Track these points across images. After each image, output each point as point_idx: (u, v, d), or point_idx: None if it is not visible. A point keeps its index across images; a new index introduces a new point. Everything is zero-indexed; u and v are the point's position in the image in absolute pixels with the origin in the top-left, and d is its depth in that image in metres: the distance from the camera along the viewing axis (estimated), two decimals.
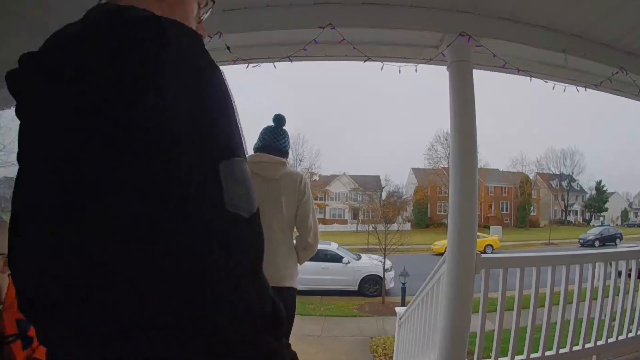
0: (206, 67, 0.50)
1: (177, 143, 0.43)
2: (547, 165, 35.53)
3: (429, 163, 33.28)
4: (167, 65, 0.45)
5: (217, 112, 0.47)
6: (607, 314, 2.45)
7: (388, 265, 11.27)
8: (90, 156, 0.44)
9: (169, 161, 0.42)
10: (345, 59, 2.56)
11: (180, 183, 0.42)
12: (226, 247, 0.43)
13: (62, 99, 0.46)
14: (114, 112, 0.43)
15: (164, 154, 0.42)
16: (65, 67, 0.47)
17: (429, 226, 30.75)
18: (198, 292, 0.42)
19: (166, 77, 0.44)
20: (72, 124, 0.46)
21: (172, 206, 0.42)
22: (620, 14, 2.21)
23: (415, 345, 3.03)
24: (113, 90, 0.43)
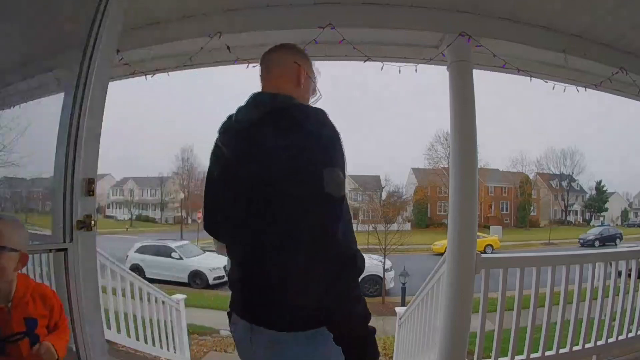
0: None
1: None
2: (547, 165, 35.50)
3: (429, 163, 33.26)
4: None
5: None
6: (607, 314, 2.45)
7: (388, 265, 11.28)
8: (295, 202, 0.93)
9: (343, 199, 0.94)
10: (345, 59, 2.56)
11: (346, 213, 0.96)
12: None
13: (262, 155, 0.95)
14: (320, 184, 0.90)
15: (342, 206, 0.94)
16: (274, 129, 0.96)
17: (429, 226, 30.73)
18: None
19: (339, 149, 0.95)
20: (272, 185, 0.94)
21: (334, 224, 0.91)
22: (620, 14, 2.21)
23: (415, 345, 3.03)
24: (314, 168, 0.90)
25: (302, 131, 0.93)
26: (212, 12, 2.25)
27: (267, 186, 0.93)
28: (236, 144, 1.03)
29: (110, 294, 2.74)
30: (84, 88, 1.52)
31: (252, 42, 2.44)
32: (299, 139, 0.92)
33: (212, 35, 2.18)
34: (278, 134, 0.94)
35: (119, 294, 2.85)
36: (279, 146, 0.92)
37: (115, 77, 2.66)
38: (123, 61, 2.36)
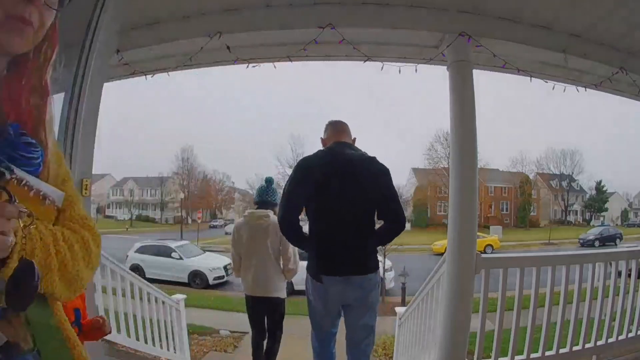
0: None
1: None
2: (547, 165, 35.52)
3: (429, 163, 33.28)
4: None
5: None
6: (607, 314, 2.45)
7: (388, 265, 11.27)
8: (375, 196, 1.89)
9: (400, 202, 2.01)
10: (345, 59, 2.56)
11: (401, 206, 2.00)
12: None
13: (357, 177, 1.86)
14: (386, 190, 1.92)
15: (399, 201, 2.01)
16: (361, 169, 1.89)
17: (429, 226, 30.73)
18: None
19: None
20: (363, 187, 1.85)
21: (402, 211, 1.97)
22: (620, 14, 2.21)
23: (415, 345, 3.03)
24: (391, 185, 1.96)
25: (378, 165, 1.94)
26: (212, 12, 2.26)
27: (370, 191, 1.87)
28: (341, 169, 1.87)
29: (110, 294, 2.74)
30: (80, 89, 1.52)
31: (252, 42, 2.45)
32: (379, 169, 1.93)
33: (212, 35, 2.18)
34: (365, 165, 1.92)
35: (119, 294, 2.85)
36: (369, 173, 1.89)
37: (115, 77, 2.66)
38: (123, 61, 2.36)
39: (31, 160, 0.62)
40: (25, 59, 0.65)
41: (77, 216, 0.72)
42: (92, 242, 0.71)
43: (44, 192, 0.64)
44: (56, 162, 0.70)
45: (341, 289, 1.86)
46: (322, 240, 1.89)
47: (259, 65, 2.55)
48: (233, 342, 6.55)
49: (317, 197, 1.87)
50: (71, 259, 0.64)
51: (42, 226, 0.61)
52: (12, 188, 0.57)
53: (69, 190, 0.72)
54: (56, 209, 0.68)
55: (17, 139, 0.61)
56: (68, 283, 0.64)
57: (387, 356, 5.99)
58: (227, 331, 7.05)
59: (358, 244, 1.86)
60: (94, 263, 0.71)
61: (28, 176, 0.61)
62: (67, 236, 0.66)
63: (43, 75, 0.66)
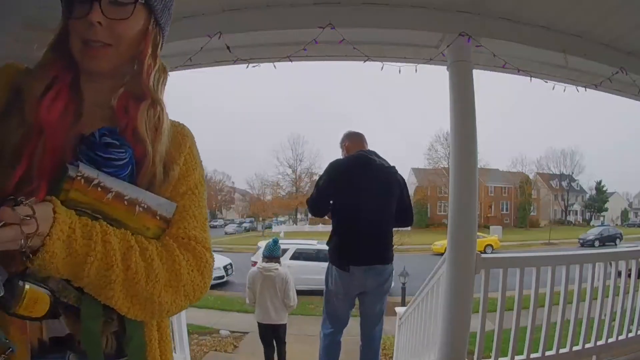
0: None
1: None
2: (547, 165, 35.58)
3: (429, 163, 33.34)
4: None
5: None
6: (607, 314, 2.45)
7: None
8: (393, 198, 2.32)
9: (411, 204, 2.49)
10: (345, 59, 2.56)
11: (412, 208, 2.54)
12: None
13: (381, 180, 2.28)
14: (404, 196, 2.39)
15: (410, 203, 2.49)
16: (386, 174, 2.33)
17: (429, 226, 30.75)
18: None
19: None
20: (387, 190, 2.30)
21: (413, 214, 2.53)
22: (620, 14, 2.21)
23: (415, 345, 3.03)
24: (407, 191, 2.45)
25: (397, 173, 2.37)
26: (212, 12, 2.25)
27: (392, 193, 2.28)
28: (370, 173, 2.23)
29: None
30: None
31: (252, 42, 2.44)
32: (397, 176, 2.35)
33: (212, 35, 2.18)
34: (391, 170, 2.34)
35: None
36: (394, 180, 2.31)
37: None
38: None
39: (110, 161, 0.59)
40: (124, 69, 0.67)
41: (183, 234, 0.66)
42: (188, 267, 0.64)
43: (130, 197, 0.60)
44: (169, 170, 0.67)
45: (363, 276, 2.19)
46: (350, 233, 2.19)
47: (259, 65, 2.55)
48: (233, 342, 6.55)
49: (347, 195, 2.19)
50: (145, 278, 0.59)
51: (113, 235, 0.57)
52: (79, 187, 0.57)
53: (186, 203, 0.69)
54: (161, 220, 0.64)
55: (99, 140, 0.60)
56: (139, 303, 0.59)
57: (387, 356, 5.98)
58: (227, 331, 7.05)
59: (380, 238, 2.23)
60: (186, 291, 0.64)
61: (108, 178, 0.59)
62: (151, 253, 0.61)
63: (141, 80, 0.67)
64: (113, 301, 0.57)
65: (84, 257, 0.54)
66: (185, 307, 0.66)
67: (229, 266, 12.60)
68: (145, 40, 0.67)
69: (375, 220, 2.18)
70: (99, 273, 0.56)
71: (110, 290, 0.57)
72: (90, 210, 0.58)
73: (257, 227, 34.18)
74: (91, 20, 0.59)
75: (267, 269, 3.50)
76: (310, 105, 56.07)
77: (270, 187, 36.08)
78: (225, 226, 33.79)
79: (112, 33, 0.62)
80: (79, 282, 0.56)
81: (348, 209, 2.20)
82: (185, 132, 0.75)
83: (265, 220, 34.44)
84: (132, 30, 0.64)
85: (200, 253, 0.67)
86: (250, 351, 6.29)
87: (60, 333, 0.59)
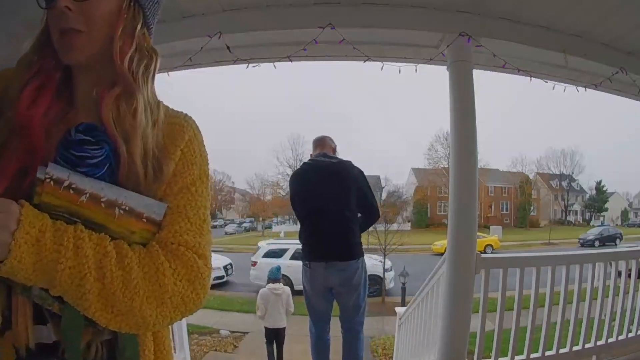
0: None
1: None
2: (547, 165, 35.54)
3: (429, 163, 33.31)
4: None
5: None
6: (607, 314, 2.45)
7: (388, 265, 11.28)
8: (349, 193, 2.34)
9: (374, 196, 2.50)
10: (345, 59, 2.56)
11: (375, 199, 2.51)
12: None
13: (332, 178, 2.34)
14: (363, 188, 2.40)
15: (374, 195, 2.50)
16: (336, 172, 2.37)
17: (429, 226, 30.74)
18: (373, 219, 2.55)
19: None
20: (340, 187, 2.33)
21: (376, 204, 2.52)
22: (620, 14, 2.21)
23: (415, 345, 3.03)
24: (365, 183, 2.43)
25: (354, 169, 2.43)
26: (212, 12, 2.25)
27: (346, 189, 2.31)
28: (318, 174, 2.37)
29: None
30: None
31: (252, 42, 2.44)
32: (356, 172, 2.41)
33: (212, 35, 2.18)
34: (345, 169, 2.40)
35: None
36: (345, 174, 2.35)
37: None
38: None
39: (83, 159, 0.55)
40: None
41: (173, 239, 0.59)
42: (174, 276, 0.57)
43: (107, 198, 0.55)
44: (162, 166, 0.61)
45: (325, 272, 2.29)
46: (310, 232, 2.36)
47: (259, 65, 2.55)
48: (233, 342, 6.55)
49: (302, 198, 2.40)
50: (122, 288, 0.53)
51: (87, 240, 0.53)
52: (49, 189, 0.53)
53: (180, 203, 0.62)
54: (149, 223, 0.58)
55: (74, 137, 0.56)
56: (121, 314, 0.54)
57: (387, 356, 5.99)
58: (227, 331, 7.06)
59: (339, 235, 2.28)
60: (174, 303, 0.57)
61: (82, 179, 0.54)
62: (130, 261, 0.54)
63: (114, 65, 0.60)
64: (90, 312, 0.53)
65: (55, 264, 0.50)
66: (176, 320, 0.60)
67: (229, 266, 12.60)
68: (118, 20, 0.60)
69: (333, 219, 2.27)
70: (73, 282, 0.51)
71: (85, 300, 0.52)
72: (68, 213, 0.54)
73: (257, 227, 34.17)
74: (59, 6, 0.56)
75: (275, 288, 4.70)
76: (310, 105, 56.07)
77: (270, 187, 36.05)
78: (225, 226, 33.78)
79: (83, 17, 0.58)
80: (53, 291, 0.52)
81: (306, 210, 2.37)
82: (185, 123, 0.67)
83: (265, 220, 34.41)
84: (103, 10, 0.59)
85: (190, 261, 0.59)
86: (250, 351, 6.29)
87: (47, 340, 0.57)
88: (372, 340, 6.96)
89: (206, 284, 0.61)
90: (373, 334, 7.34)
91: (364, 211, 2.39)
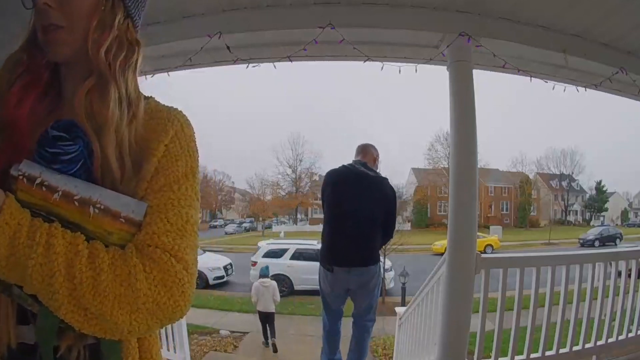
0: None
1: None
2: (547, 165, 35.51)
3: (429, 163, 33.30)
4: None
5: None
6: (607, 314, 2.45)
7: (388, 265, 11.27)
8: (379, 207, 2.45)
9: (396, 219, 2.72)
10: (345, 59, 2.56)
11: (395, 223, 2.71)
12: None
13: (370, 190, 2.43)
14: (391, 208, 2.56)
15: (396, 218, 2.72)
16: (374, 186, 2.46)
17: (429, 226, 30.72)
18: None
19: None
20: (373, 201, 2.42)
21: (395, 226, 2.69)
22: (620, 14, 2.21)
23: (415, 345, 3.03)
24: (394, 206, 2.59)
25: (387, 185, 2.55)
26: (212, 12, 2.26)
27: (378, 204, 2.42)
28: (353, 182, 2.44)
29: None
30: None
31: (252, 42, 2.45)
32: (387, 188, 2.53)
33: (212, 35, 2.18)
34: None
35: None
36: (380, 190, 2.46)
37: None
38: None
39: (56, 156, 0.53)
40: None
41: (150, 241, 0.55)
42: (148, 281, 0.53)
43: (81, 196, 0.53)
44: (143, 162, 0.59)
45: (346, 276, 2.41)
46: (335, 235, 2.43)
47: (259, 65, 2.55)
48: (233, 342, 6.55)
49: (335, 201, 2.44)
50: (91, 291, 0.51)
51: (60, 238, 0.51)
52: (22, 186, 0.52)
53: (161, 202, 0.58)
54: (127, 223, 0.56)
55: (49, 134, 0.54)
56: (94, 320, 0.52)
57: (387, 356, 5.99)
58: (227, 331, 7.06)
59: (363, 243, 2.39)
60: (150, 309, 0.53)
61: (55, 176, 0.53)
62: (101, 262, 0.52)
63: (95, 64, 0.59)
64: (61, 313, 0.51)
65: (26, 260, 0.49)
66: (155, 328, 0.56)
67: (229, 266, 12.60)
68: (95, 11, 0.59)
69: (360, 227, 2.36)
70: (44, 280, 0.50)
71: (55, 300, 0.50)
72: (45, 212, 0.53)
73: (257, 227, 34.15)
74: (39, 3, 0.56)
75: (264, 282, 6.41)
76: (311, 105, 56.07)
77: (270, 187, 36.05)
78: (225, 226, 33.78)
79: (63, 13, 0.57)
80: (26, 288, 0.51)
81: (335, 214, 2.43)
82: (172, 117, 0.63)
83: (265, 220, 34.39)
84: (81, 4, 0.59)
85: (166, 265, 0.55)
86: (250, 351, 6.29)
87: (29, 340, 0.56)
88: (372, 340, 6.94)
89: (186, 290, 0.56)
90: (373, 334, 7.29)
91: (384, 229, 2.49)
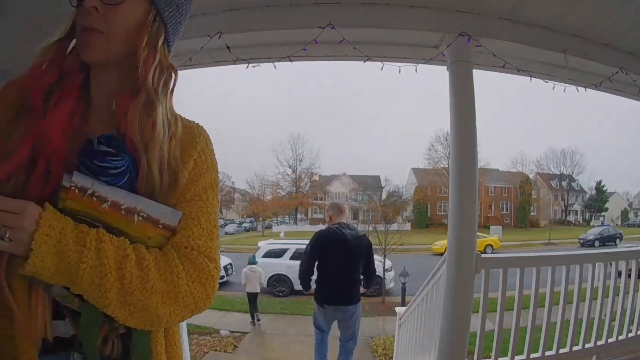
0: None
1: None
2: (547, 165, 35.51)
3: (429, 163, 33.29)
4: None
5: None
6: (607, 314, 2.45)
7: (388, 265, 11.28)
8: (359, 259, 3.20)
9: (374, 263, 3.35)
10: (345, 59, 2.56)
11: (374, 267, 3.37)
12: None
13: (350, 248, 3.13)
14: (370, 258, 3.25)
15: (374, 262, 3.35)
16: (356, 244, 3.16)
17: (429, 226, 30.74)
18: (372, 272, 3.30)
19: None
20: (353, 252, 3.16)
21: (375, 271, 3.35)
22: (620, 14, 2.21)
23: (415, 345, 3.03)
24: (369, 252, 3.27)
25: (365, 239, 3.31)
26: (212, 12, 2.25)
27: (359, 257, 3.22)
28: (341, 242, 3.13)
29: None
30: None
31: (252, 42, 2.44)
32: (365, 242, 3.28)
33: (212, 35, 2.18)
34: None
35: None
36: (360, 246, 3.21)
37: None
38: None
39: (106, 170, 0.58)
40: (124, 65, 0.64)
41: (187, 244, 0.64)
42: (187, 278, 0.62)
43: (127, 206, 0.59)
44: (176, 176, 0.64)
45: (334, 312, 3.21)
46: (326, 283, 3.17)
47: (259, 65, 2.55)
48: (233, 342, 6.55)
49: (325, 258, 3.15)
50: (140, 288, 0.58)
51: (109, 243, 0.57)
52: (73, 196, 0.57)
53: (193, 210, 0.66)
54: (164, 229, 0.63)
55: (96, 148, 0.59)
56: (137, 312, 0.59)
57: (387, 356, 5.99)
58: (227, 331, 7.06)
59: (347, 287, 3.16)
60: (186, 302, 0.62)
61: (104, 187, 0.58)
62: (148, 263, 0.59)
63: (138, 75, 0.63)
64: (109, 309, 0.57)
65: (77, 264, 0.54)
66: (187, 318, 0.65)
67: (229, 266, 12.59)
68: (142, 31, 0.63)
69: (344, 276, 3.13)
70: (94, 281, 0.55)
71: (105, 298, 0.56)
72: (90, 219, 0.58)
73: (257, 227, 34.16)
74: (86, 6, 0.59)
75: (252, 268, 7.95)
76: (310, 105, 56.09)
77: (270, 187, 36.06)
78: (226, 226, 33.77)
79: (106, 19, 0.60)
80: (74, 289, 0.56)
81: (325, 267, 3.16)
82: (197, 133, 0.70)
83: (265, 220, 34.40)
84: (127, 18, 0.62)
85: (202, 264, 0.64)
86: (250, 351, 6.29)
87: (65, 334, 0.60)
88: (372, 340, 6.96)
89: (216, 285, 0.66)
90: (373, 334, 7.35)
91: (365, 273, 3.23)
